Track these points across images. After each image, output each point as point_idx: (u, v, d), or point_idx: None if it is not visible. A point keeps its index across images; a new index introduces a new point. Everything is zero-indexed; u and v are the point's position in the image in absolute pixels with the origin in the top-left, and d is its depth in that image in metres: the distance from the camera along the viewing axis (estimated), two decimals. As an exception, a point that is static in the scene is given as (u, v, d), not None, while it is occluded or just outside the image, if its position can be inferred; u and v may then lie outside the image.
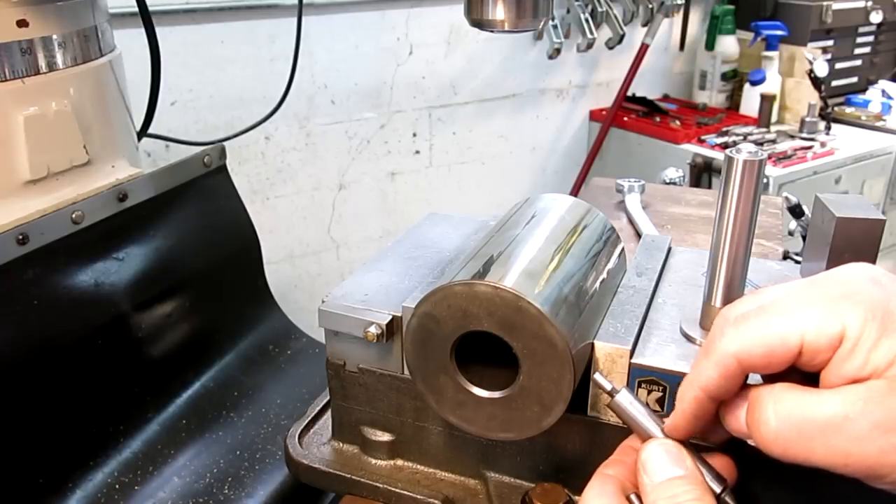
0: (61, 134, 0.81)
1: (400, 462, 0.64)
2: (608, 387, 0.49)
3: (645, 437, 0.48)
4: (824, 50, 2.67)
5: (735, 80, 2.85)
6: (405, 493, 0.61)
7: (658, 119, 2.61)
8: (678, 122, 2.57)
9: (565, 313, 0.51)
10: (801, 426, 0.40)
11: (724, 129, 2.56)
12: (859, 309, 0.40)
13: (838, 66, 2.80)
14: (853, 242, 0.59)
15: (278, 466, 0.84)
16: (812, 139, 2.50)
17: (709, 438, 0.49)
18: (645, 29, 2.61)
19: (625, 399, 0.49)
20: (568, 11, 2.51)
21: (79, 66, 0.83)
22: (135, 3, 0.99)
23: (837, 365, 0.40)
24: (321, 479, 0.65)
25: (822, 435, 0.39)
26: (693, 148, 2.45)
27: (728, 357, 0.43)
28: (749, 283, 0.56)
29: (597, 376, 0.50)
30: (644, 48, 2.61)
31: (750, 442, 0.43)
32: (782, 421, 0.40)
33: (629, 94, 2.72)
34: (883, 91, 2.88)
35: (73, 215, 0.81)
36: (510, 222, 0.61)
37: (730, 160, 0.51)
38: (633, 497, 0.46)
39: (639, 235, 1.04)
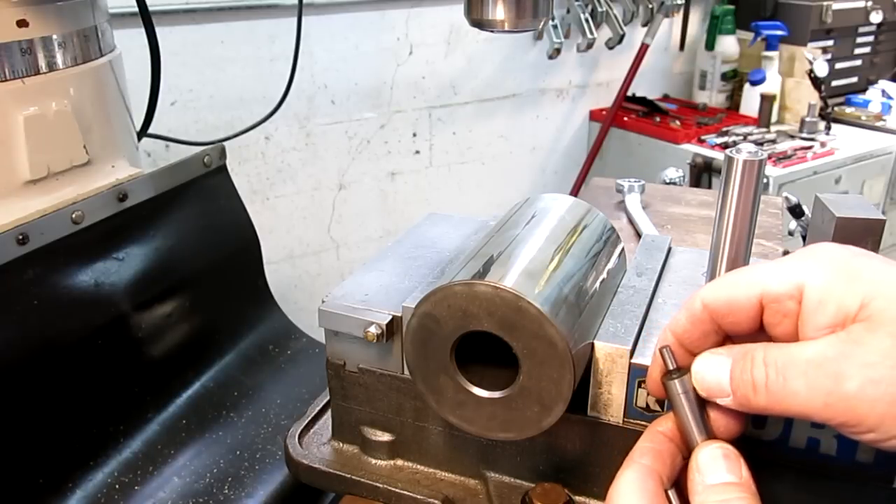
0: (61, 134, 0.81)
1: (400, 462, 0.64)
2: (671, 365, 0.47)
3: (686, 430, 0.46)
4: (824, 50, 2.67)
5: (735, 80, 2.85)
6: (405, 493, 0.61)
7: (658, 119, 2.61)
8: (678, 122, 2.57)
9: (565, 313, 0.51)
10: (786, 369, 0.40)
11: (724, 129, 2.56)
12: (819, 262, 0.42)
13: (838, 66, 2.80)
14: (853, 242, 0.59)
15: (278, 466, 0.84)
16: (812, 139, 2.50)
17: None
18: (645, 29, 2.61)
19: (681, 386, 0.46)
20: (568, 11, 2.51)
21: (79, 66, 0.83)
22: (135, 3, 0.99)
23: (811, 318, 0.41)
24: (321, 479, 0.65)
25: (804, 375, 0.39)
26: (693, 148, 2.45)
27: (696, 302, 0.45)
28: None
29: (665, 350, 0.47)
30: (644, 48, 2.61)
31: (721, 402, 0.44)
32: (767, 367, 0.41)
33: (629, 94, 2.72)
34: (883, 91, 2.88)
35: (73, 215, 0.81)
36: (510, 222, 0.61)
37: (730, 160, 0.51)
38: (671, 493, 0.45)
39: (639, 235, 1.04)
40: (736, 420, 0.46)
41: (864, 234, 0.59)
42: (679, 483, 0.46)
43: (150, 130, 1.09)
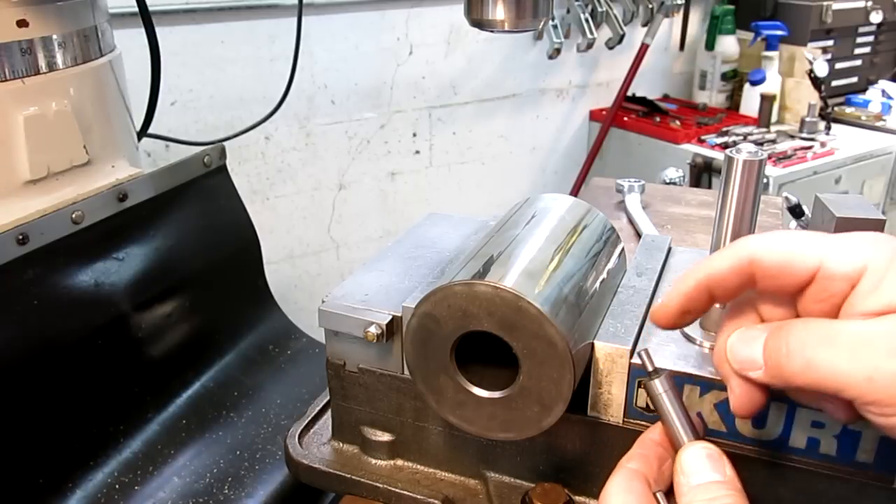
0: (61, 134, 0.81)
1: (400, 462, 0.64)
2: (650, 367, 0.47)
3: (671, 430, 0.47)
4: (824, 50, 2.67)
5: (735, 80, 2.85)
6: (405, 493, 0.61)
7: (658, 119, 2.61)
8: (678, 122, 2.57)
9: (565, 313, 0.51)
10: (830, 340, 0.39)
11: (724, 129, 2.56)
12: (883, 247, 0.40)
13: (838, 66, 2.80)
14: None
15: (278, 466, 0.84)
16: (812, 139, 2.50)
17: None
18: (645, 29, 2.61)
19: (661, 386, 0.47)
20: (568, 11, 2.51)
21: (79, 66, 0.83)
22: (135, 3, 0.99)
23: (860, 299, 0.40)
24: (321, 479, 0.65)
25: (849, 348, 0.38)
26: (693, 148, 2.45)
27: (744, 251, 0.43)
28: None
29: (643, 352, 0.47)
30: (644, 48, 2.61)
31: (753, 374, 0.42)
32: (808, 336, 0.40)
33: (629, 94, 2.72)
34: (883, 91, 2.88)
35: (73, 215, 0.81)
36: (510, 222, 0.61)
37: (730, 160, 0.51)
38: (658, 495, 0.45)
39: (639, 235, 1.04)
40: (760, 392, 0.45)
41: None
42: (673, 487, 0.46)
43: (150, 130, 1.09)
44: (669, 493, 0.46)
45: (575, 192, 2.70)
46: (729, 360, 0.44)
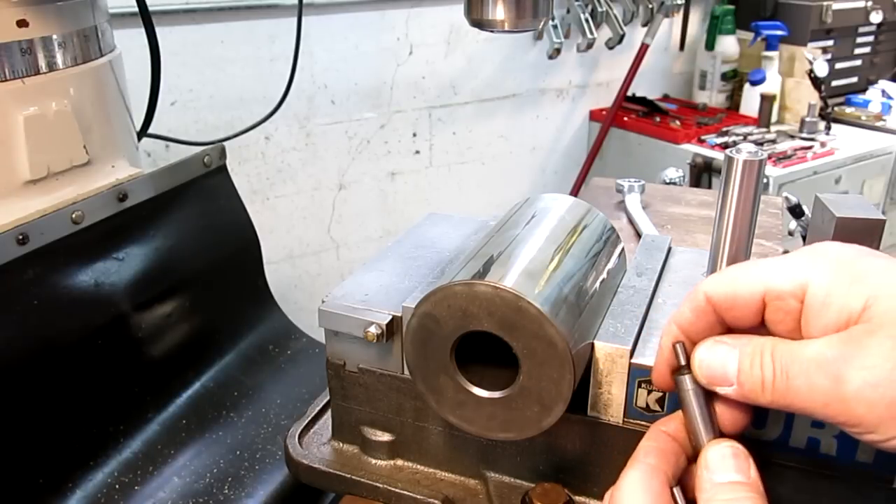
0: (61, 134, 0.81)
1: (400, 462, 0.64)
2: (683, 361, 0.47)
3: (694, 427, 0.46)
4: (824, 50, 2.67)
5: (735, 80, 2.85)
6: (405, 493, 0.61)
7: (658, 119, 2.61)
8: (678, 122, 2.57)
9: (565, 313, 0.51)
10: (789, 367, 0.41)
11: (724, 129, 2.56)
12: (825, 261, 0.42)
13: (838, 66, 2.80)
14: (853, 242, 0.59)
15: (278, 466, 0.84)
16: (812, 139, 2.50)
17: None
18: (645, 29, 2.61)
19: (691, 382, 0.46)
20: (568, 11, 2.51)
21: (79, 66, 0.83)
22: (135, 3, 0.99)
23: (814, 317, 0.41)
24: (321, 479, 0.65)
25: (805, 374, 0.40)
26: (693, 148, 2.45)
27: (699, 293, 0.45)
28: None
29: (678, 345, 0.47)
30: (644, 48, 2.61)
31: (723, 391, 0.44)
32: (774, 363, 0.41)
33: (629, 94, 2.72)
34: (883, 91, 2.88)
35: (73, 215, 0.81)
36: (510, 222, 0.61)
37: (730, 160, 0.51)
38: (676, 492, 0.45)
39: (639, 235, 1.04)
40: (743, 412, 0.46)
41: (864, 234, 0.59)
42: (682, 483, 0.46)
43: (150, 130, 1.09)
44: (681, 487, 0.45)
45: (575, 192, 2.70)
46: (697, 371, 0.45)
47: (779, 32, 2.67)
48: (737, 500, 0.42)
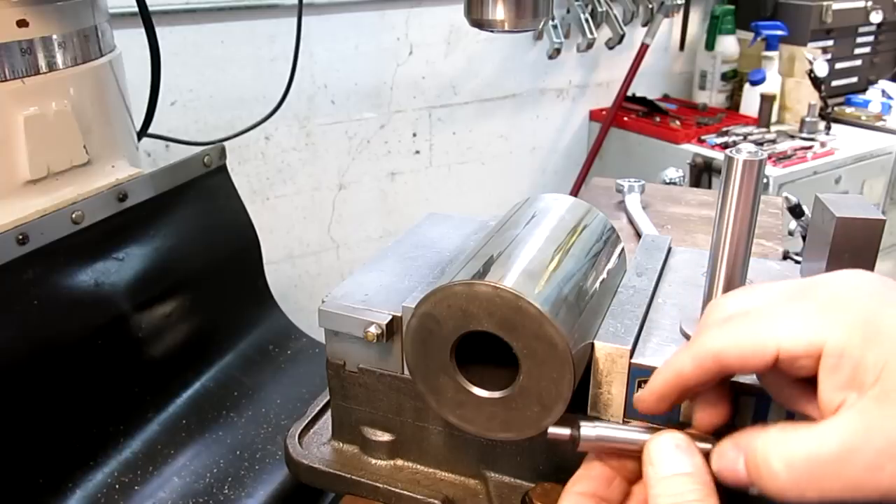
0: (61, 134, 0.81)
1: (400, 462, 0.64)
2: (566, 433, 0.48)
3: (635, 447, 0.47)
4: (824, 50, 2.67)
5: (735, 80, 2.85)
6: (405, 493, 0.61)
7: (658, 119, 2.61)
8: (678, 122, 2.57)
9: (565, 313, 0.51)
10: (812, 468, 0.39)
11: (724, 129, 2.56)
12: (842, 319, 0.40)
13: (838, 66, 2.80)
14: (853, 242, 0.59)
15: (278, 466, 0.84)
16: (812, 139, 2.50)
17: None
18: (645, 29, 2.61)
19: (590, 432, 0.47)
20: (568, 11, 2.51)
21: (79, 66, 0.83)
22: (135, 3, 0.99)
23: (828, 376, 0.40)
24: (321, 479, 0.65)
25: (833, 472, 0.38)
26: (693, 148, 2.45)
27: (705, 352, 0.43)
28: (749, 283, 0.56)
29: (551, 429, 0.49)
30: (644, 48, 2.61)
31: (753, 491, 0.42)
32: (791, 469, 0.39)
33: (629, 94, 2.72)
34: (883, 91, 2.88)
35: (73, 215, 0.81)
36: (510, 222, 0.61)
37: (730, 160, 0.51)
38: None
39: (639, 235, 1.04)
40: (721, 407, 0.46)
41: (864, 234, 0.59)
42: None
43: (150, 130, 1.09)
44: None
45: (575, 192, 2.70)
46: (713, 466, 0.44)
47: (779, 32, 2.67)
48: (683, 495, 0.42)
